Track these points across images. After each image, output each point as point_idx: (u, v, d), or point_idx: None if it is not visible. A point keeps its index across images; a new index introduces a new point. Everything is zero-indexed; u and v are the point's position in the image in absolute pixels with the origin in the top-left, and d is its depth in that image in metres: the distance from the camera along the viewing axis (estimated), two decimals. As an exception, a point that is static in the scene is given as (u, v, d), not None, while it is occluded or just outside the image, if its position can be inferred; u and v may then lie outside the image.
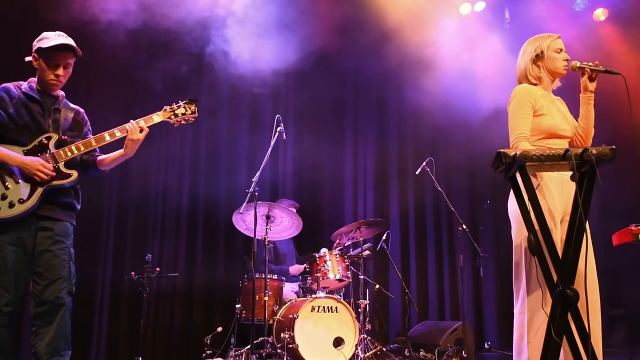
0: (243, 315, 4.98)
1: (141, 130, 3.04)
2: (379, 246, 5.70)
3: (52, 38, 2.99)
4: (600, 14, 7.08)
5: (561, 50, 2.96)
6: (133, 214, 6.06)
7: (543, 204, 2.40)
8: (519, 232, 2.73)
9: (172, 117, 3.22)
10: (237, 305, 5.03)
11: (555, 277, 2.08)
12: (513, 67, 3.17)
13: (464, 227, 5.12)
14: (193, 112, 3.26)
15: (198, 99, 3.31)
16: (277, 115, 4.77)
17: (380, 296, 6.04)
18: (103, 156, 3.19)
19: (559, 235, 2.58)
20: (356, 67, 6.97)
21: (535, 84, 2.96)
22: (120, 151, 3.11)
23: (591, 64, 2.83)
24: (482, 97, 6.27)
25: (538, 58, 2.96)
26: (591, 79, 2.86)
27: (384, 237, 5.66)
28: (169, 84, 6.32)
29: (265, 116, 6.68)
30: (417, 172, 5.47)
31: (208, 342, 5.08)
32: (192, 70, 6.44)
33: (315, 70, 6.43)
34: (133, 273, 5.01)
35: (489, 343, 6.26)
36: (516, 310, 2.68)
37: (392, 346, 5.77)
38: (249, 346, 4.49)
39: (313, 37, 6.30)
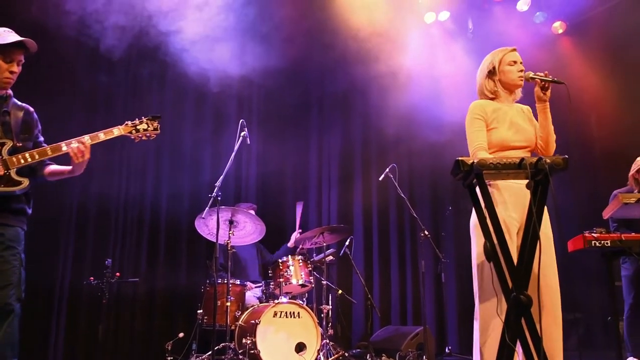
0: (205, 320, 4.93)
1: (82, 154, 2.96)
2: (342, 251, 5.72)
3: (4, 34, 2.93)
4: (558, 26, 7.32)
5: (515, 62, 3.02)
6: (93, 217, 5.94)
7: (498, 212, 2.44)
8: (474, 241, 2.79)
9: (133, 132, 3.18)
10: (199, 311, 4.97)
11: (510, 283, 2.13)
12: (473, 74, 3.24)
13: (426, 233, 5.18)
14: (155, 129, 3.23)
15: (161, 116, 3.27)
16: (241, 120, 4.76)
17: (343, 301, 6.06)
18: (52, 167, 3.13)
19: (516, 243, 2.63)
20: (321, 73, 7.01)
21: (492, 98, 3.03)
22: (68, 168, 3.07)
23: (541, 74, 2.89)
24: (446, 104, 6.38)
25: (492, 73, 3.03)
26: (544, 89, 2.92)
27: (347, 243, 5.69)
28: (131, 88, 6.23)
29: (229, 120, 6.65)
30: (380, 179, 5.52)
31: (169, 348, 5.01)
32: (155, 74, 6.37)
33: (280, 75, 6.43)
34: (92, 278, 4.90)
35: (450, 347, 6.34)
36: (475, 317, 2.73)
37: (354, 351, 5.79)
38: (210, 352, 4.45)
39: (278, 41, 6.32)
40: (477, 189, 2.19)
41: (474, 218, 2.83)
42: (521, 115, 3.03)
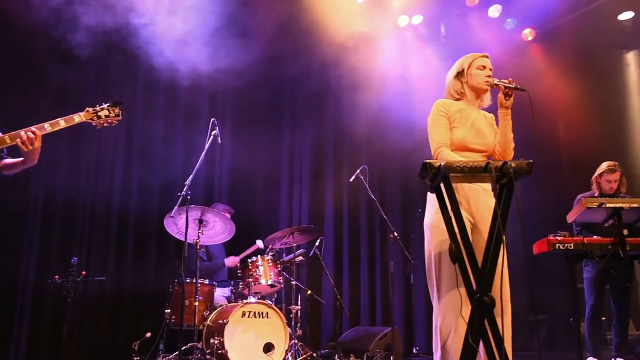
0: (172, 320, 4.88)
1: (32, 142, 2.86)
2: (312, 252, 5.73)
3: None
4: (528, 33, 7.46)
5: (484, 67, 3.03)
6: (60, 214, 5.84)
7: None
8: (429, 242, 2.80)
9: (95, 118, 3.13)
10: (167, 311, 4.92)
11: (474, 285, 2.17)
12: (445, 78, 3.27)
13: (395, 234, 5.22)
14: (117, 115, 3.19)
15: (122, 102, 3.23)
16: (212, 119, 4.73)
17: (312, 302, 6.08)
18: (8, 160, 3.07)
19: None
20: (294, 73, 7.00)
21: (458, 99, 3.06)
22: (20, 159, 3.00)
23: (505, 81, 2.90)
24: (417, 108, 6.43)
25: (460, 75, 3.06)
26: (506, 96, 2.92)
27: (317, 243, 5.70)
28: (101, 84, 6.15)
29: (201, 118, 6.59)
30: (350, 180, 5.54)
31: (136, 348, 4.95)
32: (125, 70, 6.28)
33: (253, 74, 6.41)
34: (57, 277, 4.81)
35: (418, 348, 6.41)
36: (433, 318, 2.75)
37: (322, 351, 5.81)
38: (177, 352, 4.41)
39: (252, 40, 6.30)
40: (444, 191, 2.22)
41: (428, 219, 2.84)
42: (484, 120, 3.04)
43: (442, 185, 2.18)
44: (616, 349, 4.72)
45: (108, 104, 3.18)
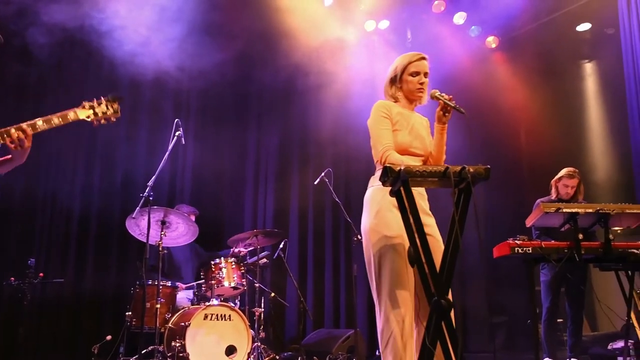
0: (133, 323, 4.81)
1: (22, 143, 2.70)
2: (276, 254, 5.72)
3: None
4: (492, 41, 7.61)
5: (418, 73, 2.91)
6: (17, 214, 5.69)
7: (396, 217, 2.47)
8: (368, 247, 2.74)
9: (92, 115, 2.87)
10: (128, 313, 4.85)
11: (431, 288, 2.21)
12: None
13: (359, 237, 5.23)
14: (115, 112, 2.90)
15: (123, 97, 2.97)
16: (176, 120, 4.69)
17: (276, 304, 6.06)
18: None
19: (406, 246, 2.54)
20: (260, 74, 6.98)
21: (395, 101, 2.98)
22: (7, 157, 2.84)
23: (446, 96, 2.78)
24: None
25: (393, 80, 2.98)
26: (445, 111, 2.83)
27: (281, 246, 5.69)
28: (63, 82, 6.02)
29: (166, 118, 6.51)
30: (315, 183, 5.56)
31: (96, 351, 4.87)
32: (89, 67, 6.18)
33: (219, 74, 6.37)
34: (13, 278, 4.69)
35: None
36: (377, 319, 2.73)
37: (285, 354, 5.81)
38: (137, 355, 4.35)
39: (218, 39, 6.27)
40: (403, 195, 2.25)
41: (367, 223, 2.76)
42: (421, 124, 2.99)
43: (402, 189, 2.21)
44: (570, 350, 4.86)
45: (106, 98, 2.91)
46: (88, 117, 2.87)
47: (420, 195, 2.84)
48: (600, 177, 7.42)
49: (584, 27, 7.47)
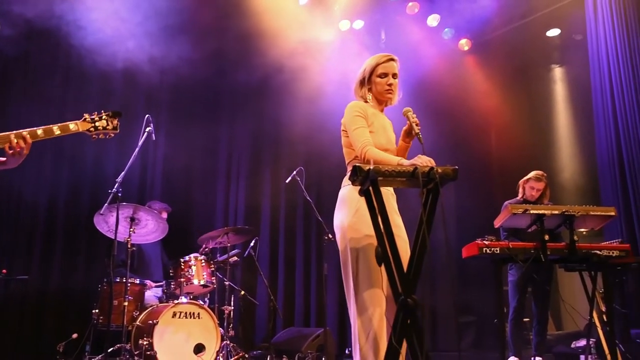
0: (100, 320, 4.74)
1: (21, 150, 2.68)
2: (246, 252, 5.70)
3: None
4: (464, 43, 7.71)
5: (386, 74, 2.93)
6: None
7: (366, 217, 2.46)
8: (346, 244, 2.75)
9: (92, 129, 2.90)
10: (95, 311, 4.77)
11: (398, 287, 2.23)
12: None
13: (330, 236, 5.26)
14: (114, 128, 2.95)
15: (121, 113, 2.99)
16: (147, 116, 4.64)
17: (246, 303, 6.04)
18: None
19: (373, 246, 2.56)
20: (233, 72, 6.94)
21: (364, 102, 3.00)
22: (2, 159, 2.79)
23: (415, 120, 2.78)
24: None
25: (362, 82, 3.01)
26: (409, 133, 2.89)
27: (252, 244, 5.67)
28: (31, 78, 5.89)
29: (137, 113, 6.41)
30: (287, 181, 5.55)
31: (61, 349, 4.78)
32: (58, 61, 6.05)
33: (192, 70, 6.31)
34: (-26, 275, 4.58)
35: (350, 349, 6.48)
36: (351, 318, 2.73)
37: (255, 352, 5.79)
38: (103, 354, 4.29)
39: (191, 37, 6.21)
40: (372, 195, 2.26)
41: (345, 220, 2.76)
42: (389, 126, 3.02)
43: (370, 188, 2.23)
44: (535, 349, 4.95)
45: (107, 113, 2.95)
46: (88, 130, 2.91)
47: (392, 195, 2.87)
48: (566, 179, 7.59)
49: (554, 32, 7.63)
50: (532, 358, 4.92)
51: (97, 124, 2.94)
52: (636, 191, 5.70)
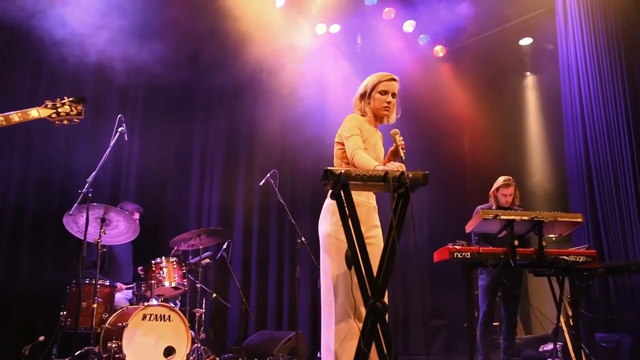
0: (68, 323, 4.66)
1: None
2: (219, 255, 5.67)
3: None
4: (439, 50, 7.80)
5: (387, 92, 3.07)
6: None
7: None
8: (325, 250, 2.88)
9: (54, 115, 2.83)
10: (62, 313, 4.68)
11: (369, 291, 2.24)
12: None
13: (303, 239, 5.27)
14: (79, 114, 2.89)
15: (86, 99, 2.94)
16: (119, 115, 4.59)
17: (218, 305, 6.00)
18: None
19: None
20: (208, 73, 6.89)
21: (362, 115, 3.13)
22: None
23: (401, 142, 2.88)
24: (331, 113, 6.55)
25: (363, 96, 3.13)
26: (395, 154, 3.00)
27: (224, 246, 5.64)
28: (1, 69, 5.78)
29: (110, 112, 6.33)
30: (260, 184, 5.54)
31: (26, 352, 4.67)
32: (29, 57, 5.94)
33: (167, 70, 6.24)
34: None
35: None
36: (323, 323, 2.84)
37: (226, 355, 5.76)
38: (70, 357, 4.21)
39: (168, 36, 6.16)
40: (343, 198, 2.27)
41: (328, 229, 2.89)
42: (380, 142, 3.16)
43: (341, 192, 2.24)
44: (504, 352, 5.02)
45: (70, 99, 2.88)
46: (50, 116, 2.85)
47: (374, 208, 2.99)
48: (536, 185, 7.71)
49: (526, 41, 7.78)
50: (501, 361, 4.99)
51: (59, 110, 2.88)
52: (603, 198, 5.83)
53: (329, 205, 2.96)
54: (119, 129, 4.58)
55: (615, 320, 5.56)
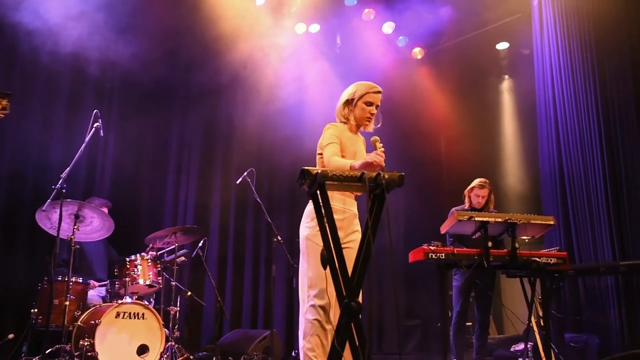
0: (39, 320, 4.59)
1: None
2: (194, 253, 5.64)
3: None
4: (418, 52, 7.86)
5: (372, 104, 3.18)
6: None
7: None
8: (303, 252, 3.05)
9: None
10: (33, 310, 4.61)
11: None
12: (339, 88, 3.39)
13: (279, 238, 5.28)
14: (4, 108, 2.85)
15: (12, 94, 2.90)
16: (95, 111, 4.53)
17: (193, 304, 5.97)
18: None
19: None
20: (187, 71, 6.85)
21: (344, 122, 3.24)
22: None
23: (381, 149, 2.90)
24: (309, 112, 6.56)
25: (348, 103, 3.22)
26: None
27: (200, 244, 5.61)
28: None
29: (86, 106, 6.24)
30: (237, 182, 5.52)
31: (-5, 350, 4.60)
32: (3, 48, 5.83)
33: (144, 68, 6.18)
34: None
35: (297, 351, 6.49)
36: (301, 318, 2.94)
37: (200, 354, 5.73)
38: (40, 355, 4.15)
39: (145, 33, 6.10)
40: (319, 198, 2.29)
41: (308, 232, 3.05)
42: (362, 148, 3.26)
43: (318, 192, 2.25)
44: (477, 352, 5.09)
45: None
46: None
47: (354, 215, 3.10)
48: (511, 188, 7.83)
49: (503, 45, 7.89)
50: (473, 361, 5.06)
51: None
52: (574, 201, 5.94)
53: (308, 210, 3.11)
54: (95, 125, 4.52)
55: (584, 321, 5.68)
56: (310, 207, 3.11)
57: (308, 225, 3.07)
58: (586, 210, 5.81)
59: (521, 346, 5.24)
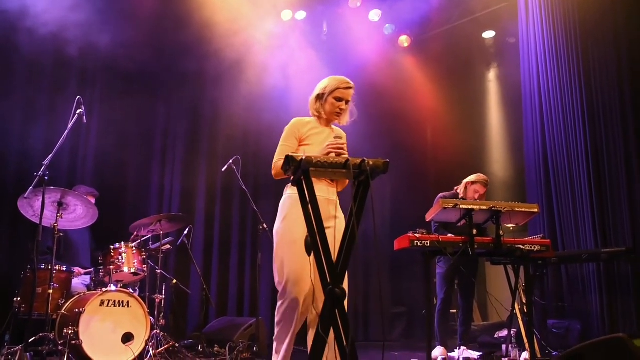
0: (22, 309, 4.54)
1: None
2: (179, 241, 5.61)
3: None
4: (404, 40, 7.85)
5: (342, 99, 3.18)
6: None
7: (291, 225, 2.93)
8: (276, 247, 3.07)
9: None
10: (16, 299, 4.56)
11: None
12: (325, 75, 3.37)
13: (265, 226, 5.27)
14: None
15: None
16: (78, 97, 4.46)
17: (178, 292, 5.95)
18: None
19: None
20: (171, 56, 6.76)
21: (316, 116, 3.27)
22: None
23: (336, 145, 2.91)
24: (295, 100, 6.52)
25: (319, 97, 3.23)
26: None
27: (185, 232, 5.59)
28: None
29: (69, 92, 6.16)
30: (223, 170, 5.49)
31: (-24, 340, 4.55)
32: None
33: (129, 54, 6.11)
34: None
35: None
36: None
37: (186, 342, 5.72)
38: (24, 344, 4.11)
39: (129, 19, 6.03)
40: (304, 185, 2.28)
41: (276, 226, 3.11)
42: (331, 137, 3.19)
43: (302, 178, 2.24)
44: (461, 338, 5.14)
45: None
46: None
47: (331, 202, 3.09)
48: (496, 176, 7.89)
49: (489, 34, 7.90)
50: (457, 347, 5.10)
51: None
52: (558, 189, 6.00)
53: (280, 204, 3.18)
54: (78, 111, 4.45)
55: (566, 308, 5.76)
56: (281, 200, 3.20)
57: (279, 219, 3.14)
58: (569, 198, 5.87)
59: (505, 332, 5.30)
